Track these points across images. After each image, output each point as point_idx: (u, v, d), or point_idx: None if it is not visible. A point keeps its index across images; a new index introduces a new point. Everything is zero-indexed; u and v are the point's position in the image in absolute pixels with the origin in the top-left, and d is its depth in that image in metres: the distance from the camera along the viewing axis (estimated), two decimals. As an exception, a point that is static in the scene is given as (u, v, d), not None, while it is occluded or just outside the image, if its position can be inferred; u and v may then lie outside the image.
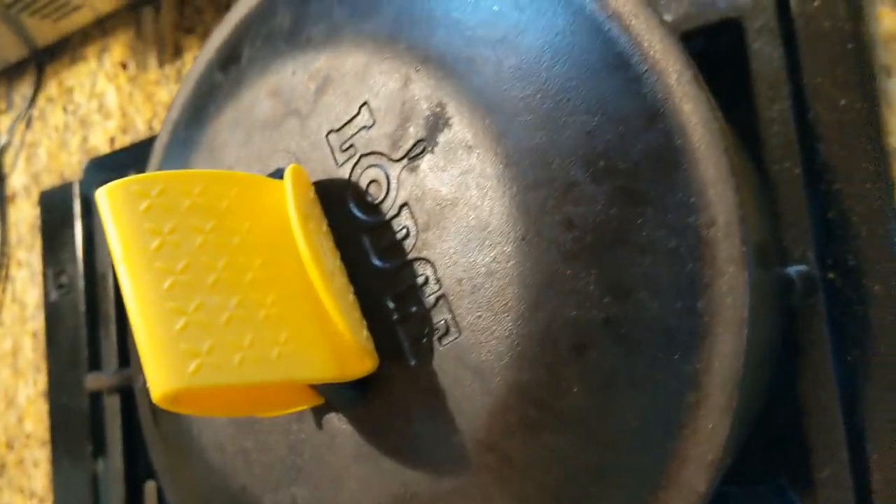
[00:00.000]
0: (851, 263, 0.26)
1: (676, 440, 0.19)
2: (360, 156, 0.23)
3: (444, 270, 0.21)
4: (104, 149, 0.51)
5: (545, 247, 0.20)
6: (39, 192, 0.50)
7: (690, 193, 0.19)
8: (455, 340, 0.21)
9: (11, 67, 0.57)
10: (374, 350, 0.22)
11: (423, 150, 0.22)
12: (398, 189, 0.22)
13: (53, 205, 0.49)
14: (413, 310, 0.22)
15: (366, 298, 0.22)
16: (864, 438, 0.25)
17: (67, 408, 0.46)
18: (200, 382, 0.18)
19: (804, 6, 0.26)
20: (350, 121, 0.23)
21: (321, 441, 0.23)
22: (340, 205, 0.23)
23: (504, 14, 0.21)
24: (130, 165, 0.41)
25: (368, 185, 0.23)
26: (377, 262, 0.22)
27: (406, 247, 0.22)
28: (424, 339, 0.21)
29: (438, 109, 0.21)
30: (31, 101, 0.54)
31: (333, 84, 0.24)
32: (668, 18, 0.28)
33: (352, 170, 0.23)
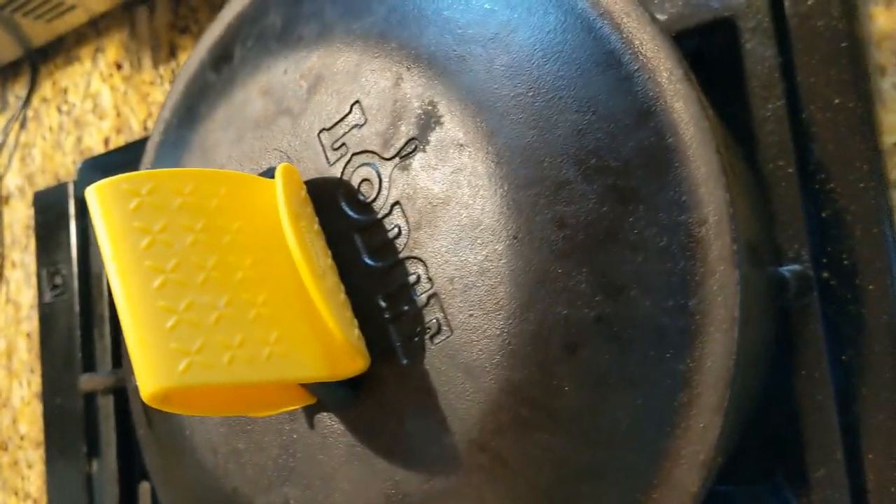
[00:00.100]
0: (846, 263, 0.26)
1: (668, 439, 0.19)
2: (352, 154, 0.23)
3: (436, 269, 0.21)
4: (99, 149, 0.51)
5: (537, 245, 0.20)
6: (34, 193, 0.50)
7: (682, 192, 0.19)
8: (447, 339, 0.21)
9: (6, 68, 0.57)
10: (366, 349, 0.21)
11: (415, 149, 0.22)
12: (390, 188, 0.22)
13: (48, 206, 0.49)
14: (405, 309, 0.22)
15: (357, 297, 0.22)
16: (860, 438, 0.25)
17: (62, 409, 0.46)
18: (190, 381, 0.18)
19: (798, 6, 0.26)
20: (342, 119, 0.23)
21: (313, 441, 0.23)
22: (332, 204, 0.23)
23: (495, 12, 0.21)
24: (125, 166, 0.41)
25: (360, 184, 0.23)
26: (369, 261, 0.22)
27: (398, 245, 0.22)
28: (416, 339, 0.21)
29: (430, 108, 0.21)
30: (26, 102, 0.54)
31: (325, 83, 0.23)
32: (662, 18, 0.28)
33: (343, 168, 0.23)
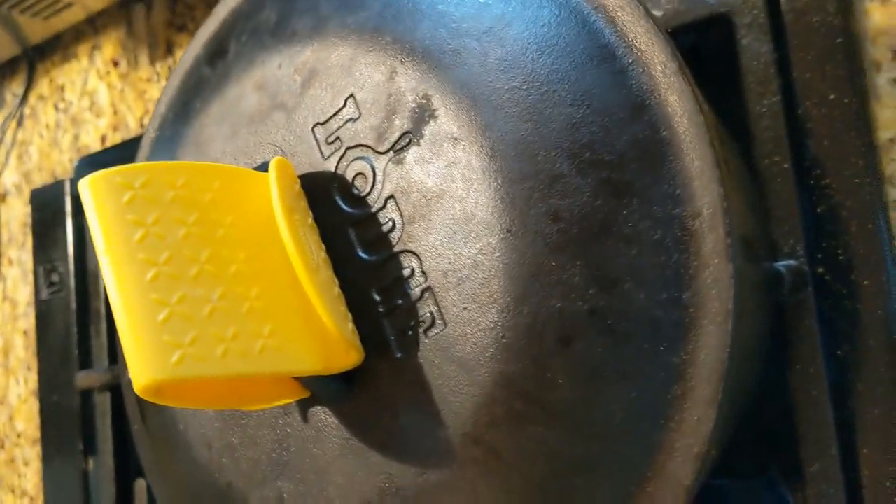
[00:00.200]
0: (841, 258, 0.26)
1: (662, 432, 0.19)
2: (346, 148, 0.23)
3: (430, 263, 0.21)
4: (95, 147, 0.51)
5: (531, 239, 0.20)
6: (31, 191, 0.50)
7: (676, 185, 0.19)
8: (441, 333, 0.21)
9: (3, 65, 0.56)
10: (360, 343, 0.21)
11: (409, 143, 0.22)
12: (384, 181, 0.22)
13: (45, 203, 0.49)
14: (399, 302, 0.22)
15: (352, 291, 0.22)
16: (854, 433, 0.25)
17: (58, 406, 0.46)
18: (183, 374, 0.18)
19: (793, 2, 0.26)
20: (336, 113, 0.23)
21: (307, 435, 0.23)
22: (326, 198, 0.23)
23: (489, 6, 0.21)
24: (122, 163, 0.41)
25: (354, 178, 0.23)
26: (363, 255, 0.22)
27: (392, 239, 0.22)
28: (410, 332, 0.21)
29: (424, 101, 0.21)
30: (23, 99, 0.54)
31: (319, 77, 0.23)
32: (658, 14, 0.28)
33: (338, 162, 0.23)
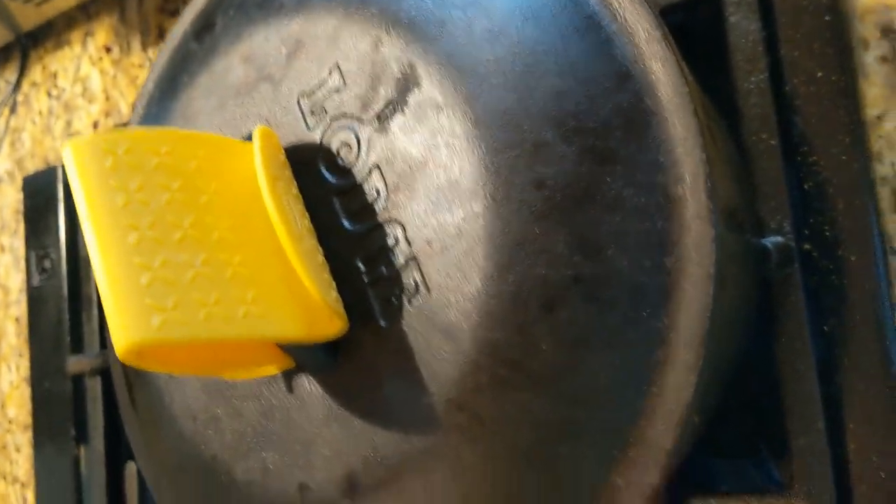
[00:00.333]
0: (828, 234, 0.26)
1: (644, 397, 0.19)
2: (331, 119, 0.23)
3: (414, 231, 0.21)
4: (88, 133, 0.51)
5: (515, 206, 0.20)
6: (23, 178, 0.50)
7: (659, 152, 0.19)
8: (425, 301, 0.21)
9: (-4, 53, 0.56)
10: (344, 311, 0.21)
11: (394, 112, 0.22)
12: (369, 151, 0.22)
13: (37, 190, 0.49)
14: (383, 271, 0.22)
15: (336, 261, 0.22)
16: (841, 408, 0.25)
17: (50, 392, 0.46)
18: (165, 336, 0.18)
19: (781, -20, 0.26)
20: (321, 84, 0.23)
21: (292, 405, 0.23)
22: (311, 168, 0.23)
23: (474, -26, 0.21)
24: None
25: (339, 148, 0.23)
26: (348, 225, 0.22)
27: (377, 209, 0.22)
28: (394, 301, 0.21)
29: (409, 70, 0.21)
30: (16, 86, 0.54)
31: (305, 48, 0.23)
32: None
33: (323, 133, 0.23)
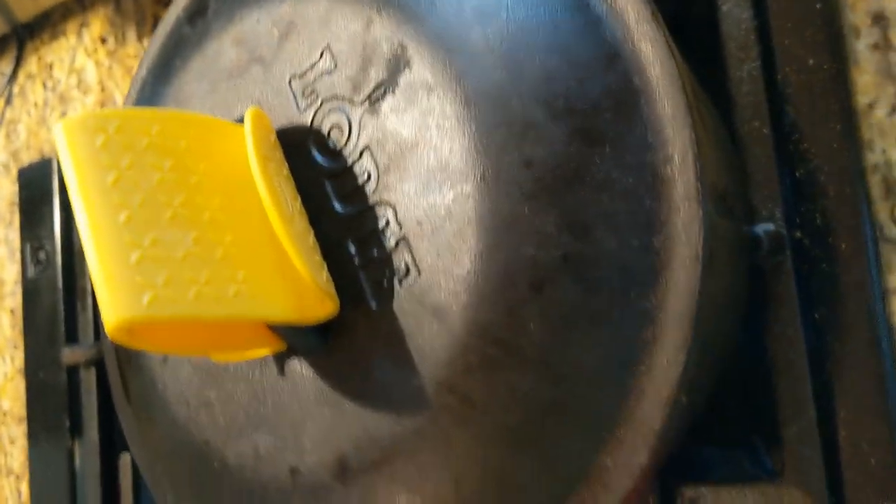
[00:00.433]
0: (819, 222, 0.26)
1: (633, 377, 0.19)
2: (323, 101, 0.23)
3: (405, 213, 0.21)
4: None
5: (504, 186, 0.20)
6: (18, 169, 0.50)
7: (648, 132, 0.19)
8: (415, 282, 0.21)
9: (-8, 45, 0.56)
10: (335, 293, 0.21)
11: (385, 93, 0.22)
12: (360, 133, 0.22)
13: (32, 181, 0.49)
14: (374, 253, 0.22)
15: (328, 244, 0.22)
16: (832, 395, 0.25)
17: (44, 384, 0.46)
18: (154, 314, 0.18)
19: (773, -32, 0.27)
20: (312, 66, 0.23)
21: (283, 387, 0.23)
22: (302, 151, 0.23)
23: (465, -44, 0.21)
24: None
25: (330, 130, 0.23)
26: (339, 207, 0.22)
27: (367, 191, 0.22)
28: (385, 283, 0.21)
29: (399, 51, 0.21)
30: (12, 78, 0.54)
31: (297, 30, 0.23)
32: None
33: (314, 115, 0.23)
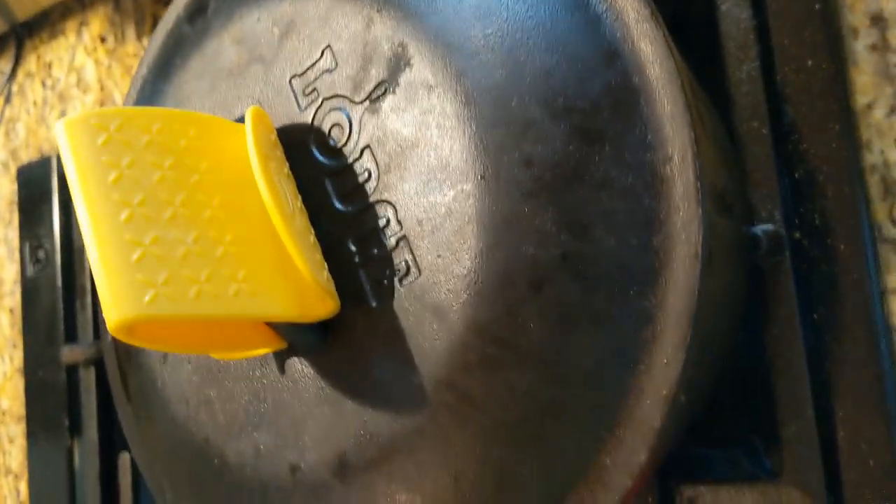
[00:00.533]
0: (818, 223, 0.26)
1: (632, 376, 0.19)
2: (323, 99, 0.23)
3: (405, 211, 0.21)
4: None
5: (504, 185, 0.20)
6: (17, 168, 0.50)
7: (647, 131, 0.20)
8: (415, 281, 0.21)
9: (-9, 44, 0.56)
10: (335, 292, 0.22)
11: (385, 92, 0.22)
12: (360, 132, 0.22)
13: (31, 180, 0.49)
14: (375, 252, 0.22)
15: (328, 242, 0.22)
16: (831, 396, 0.25)
17: (43, 383, 0.46)
18: (155, 312, 0.18)
19: (772, -32, 0.27)
20: (313, 65, 0.23)
21: (284, 386, 0.23)
22: (303, 149, 0.23)
23: (465, -45, 0.21)
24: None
25: (331, 129, 0.23)
26: (339, 206, 0.22)
27: (368, 189, 0.22)
28: (385, 281, 0.21)
29: (400, 50, 0.21)
30: (11, 76, 0.54)
31: (297, 29, 0.24)
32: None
33: (315, 114, 0.23)
